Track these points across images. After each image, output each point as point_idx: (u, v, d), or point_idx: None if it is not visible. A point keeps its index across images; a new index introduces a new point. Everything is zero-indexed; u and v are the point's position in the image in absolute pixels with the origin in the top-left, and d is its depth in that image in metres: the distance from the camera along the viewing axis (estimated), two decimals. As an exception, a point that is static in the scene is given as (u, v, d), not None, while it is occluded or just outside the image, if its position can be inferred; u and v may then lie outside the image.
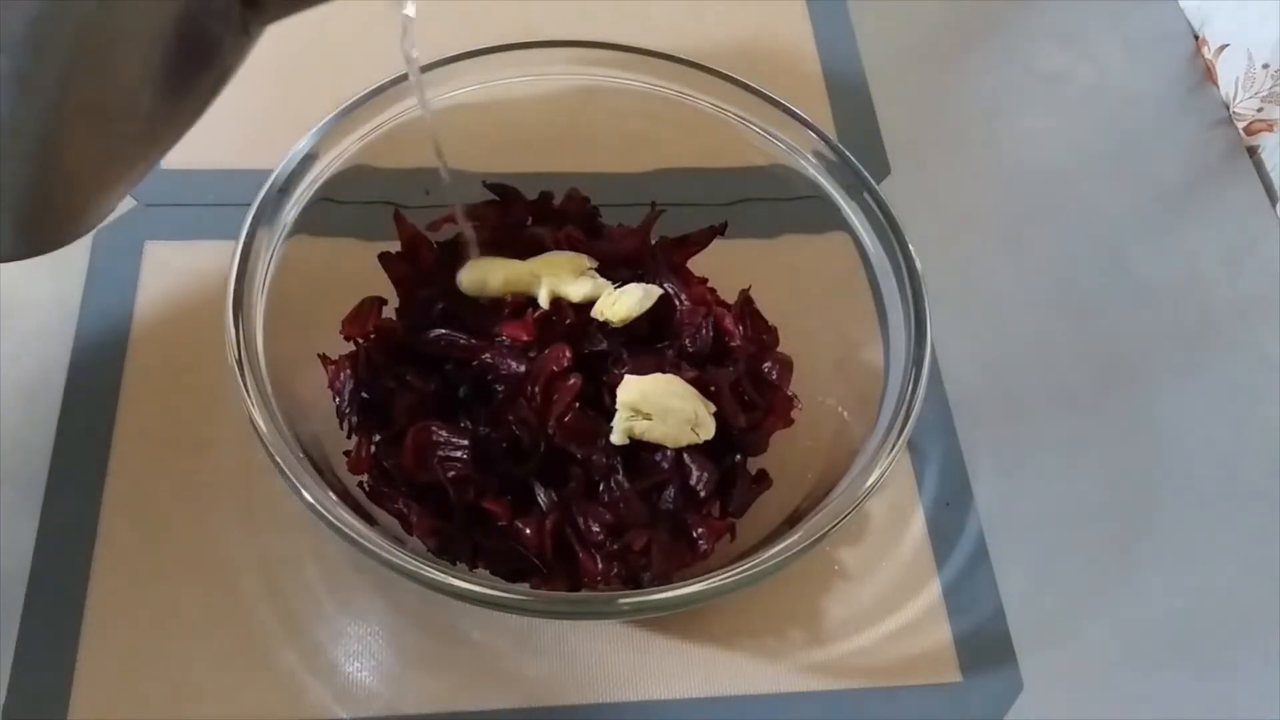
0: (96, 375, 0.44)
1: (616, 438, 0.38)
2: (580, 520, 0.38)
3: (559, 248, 0.43)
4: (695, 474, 0.39)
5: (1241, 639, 0.43)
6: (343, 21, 0.55)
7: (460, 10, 0.56)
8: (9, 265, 0.46)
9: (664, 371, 0.40)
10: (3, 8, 0.23)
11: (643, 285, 0.42)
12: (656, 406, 0.38)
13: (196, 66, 0.29)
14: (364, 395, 0.41)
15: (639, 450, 0.39)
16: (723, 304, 0.44)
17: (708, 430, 0.39)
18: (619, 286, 0.42)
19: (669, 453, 0.39)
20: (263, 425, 0.34)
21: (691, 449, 0.39)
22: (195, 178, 0.49)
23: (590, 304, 0.42)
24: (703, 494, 0.39)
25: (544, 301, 0.41)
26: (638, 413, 0.38)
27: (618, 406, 0.38)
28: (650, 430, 0.38)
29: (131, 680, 0.38)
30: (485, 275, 0.42)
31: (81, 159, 0.28)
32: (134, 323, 0.45)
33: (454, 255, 0.43)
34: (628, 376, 0.39)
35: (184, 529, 0.41)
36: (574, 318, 0.41)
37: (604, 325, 0.41)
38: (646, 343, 0.42)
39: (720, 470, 0.40)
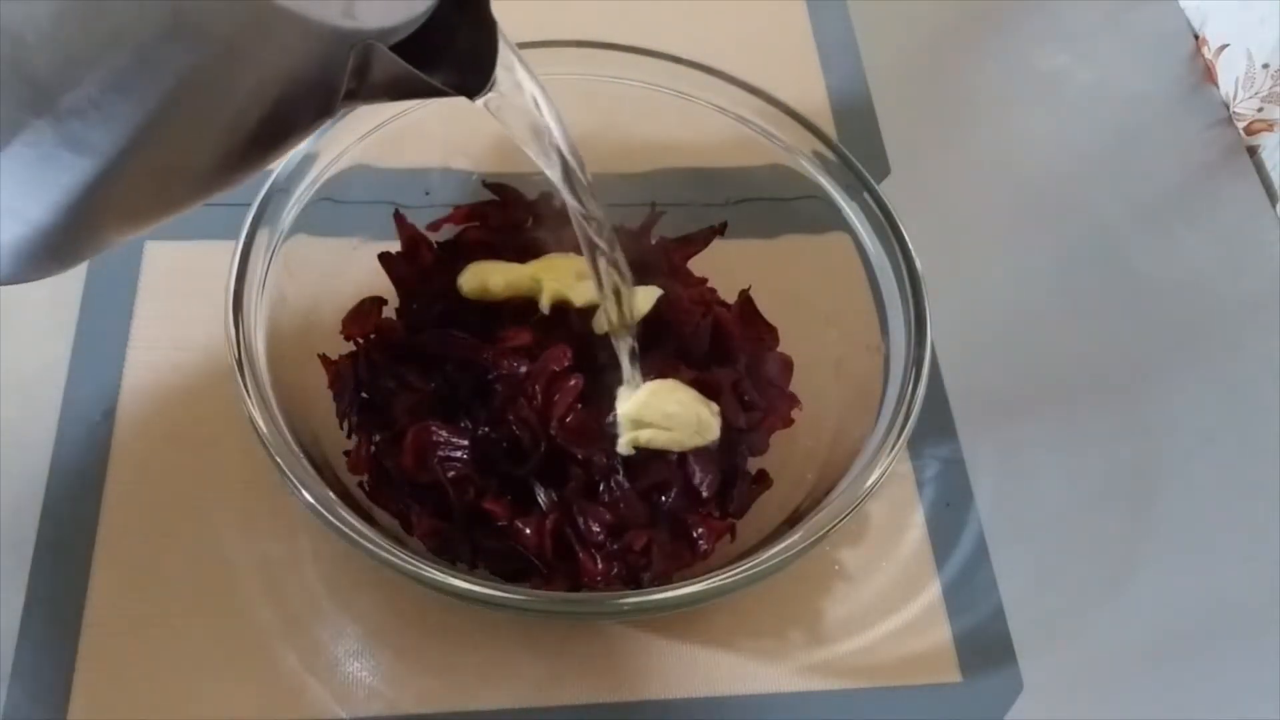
0: (96, 375, 0.44)
1: (623, 449, 0.38)
2: (580, 520, 0.38)
3: (562, 250, 0.43)
4: (699, 474, 0.39)
5: (1241, 639, 0.43)
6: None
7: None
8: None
9: (664, 373, 0.40)
10: (81, 66, 0.21)
11: (640, 289, 0.41)
12: (658, 414, 0.38)
13: (272, 143, 0.27)
14: (364, 395, 0.41)
15: (642, 451, 0.39)
16: (723, 304, 0.44)
17: (713, 431, 0.39)
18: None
19: (672, 453, 0.39)
20: (263, 425, 0.34)
21: (695, 449, 0.39)
22: (195, 178, 0.49)
23: (592, 308, 0.42)
24: (705, 494, 0.39)
25: (546, 307, 0.41)
26: (640, 423, 0.38)
27: (619, 419, 0.38)
28: (656, 438, 0.38)
29: (131, 680, 0.38)
30: (486, 278, 0.42)
31: (117, 215, 0.26)
32: (134, 323, 0.45)
33: (454, 255, 0.43)
34: (624, 388, 0.39)
35: (184, 529, 0.41)
36: (577, 322, 0.41)
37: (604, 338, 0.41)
38: (646, 344, 0.42)
39: (721, 471, 0.40)
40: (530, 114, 0.32)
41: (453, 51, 0.27)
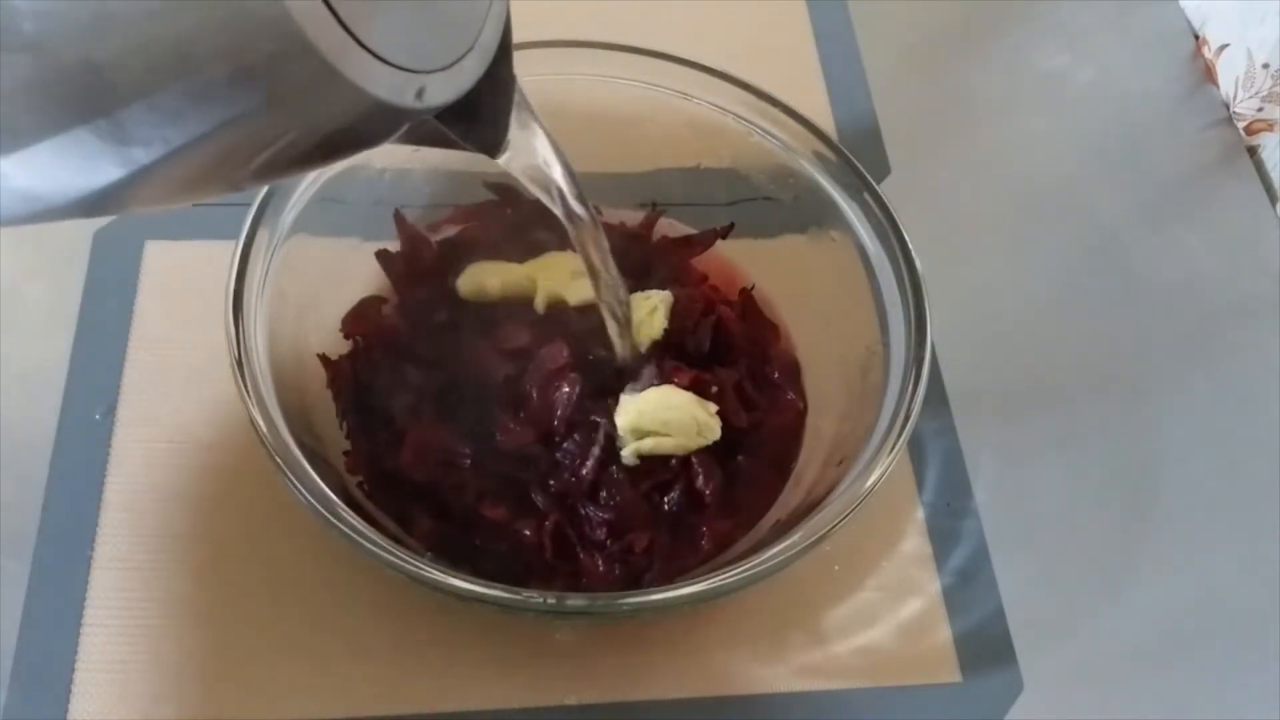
0: (96, 375, 0.44)
1: (627, 460, 0.38)
2: (581, 521, 0.38)
3: (562, 249, 0.43)
4: (701, 476, 0.39)
5: (1241, 639, 0.43)
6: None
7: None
8: (8, 264, 0.47)
9: (664, 373, 0.40)
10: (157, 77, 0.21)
11: (652, 295, 0.41)
12: (657, 421, 0.38)
13: (305, 167, 0.28)
14: (364, 395, 0.41)
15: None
16: (725, 303, 0.44)
17: (713, 432, 0.39)
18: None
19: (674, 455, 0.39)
20: (263, 425, 0.34)
21: (697, 450, 0.39)
22: (195, 178, 0.49)
23: (589, 306, 0.41)
24: (708, 495, 0.39)
25: (540, 307, 0.41)
26: (641, 432, 0.38)
27: (619, 432, 0.38)
28: (659, 445, 0.38)
29: (131, 680, 0.38)
30: (483, 280, 0.42)
31: (136, 203, 0.26)
32: (134, 323, 0.45)
33: (454, 255, 0.43)
34: (622, 398, 0.39)
35: (184, 529, 0.41)
36: (575, 320, 0.41)
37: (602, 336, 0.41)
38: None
39: (724, 471, 0.40)
40: (541, 170, 0.34)
41: (472, 107, 0.28)
